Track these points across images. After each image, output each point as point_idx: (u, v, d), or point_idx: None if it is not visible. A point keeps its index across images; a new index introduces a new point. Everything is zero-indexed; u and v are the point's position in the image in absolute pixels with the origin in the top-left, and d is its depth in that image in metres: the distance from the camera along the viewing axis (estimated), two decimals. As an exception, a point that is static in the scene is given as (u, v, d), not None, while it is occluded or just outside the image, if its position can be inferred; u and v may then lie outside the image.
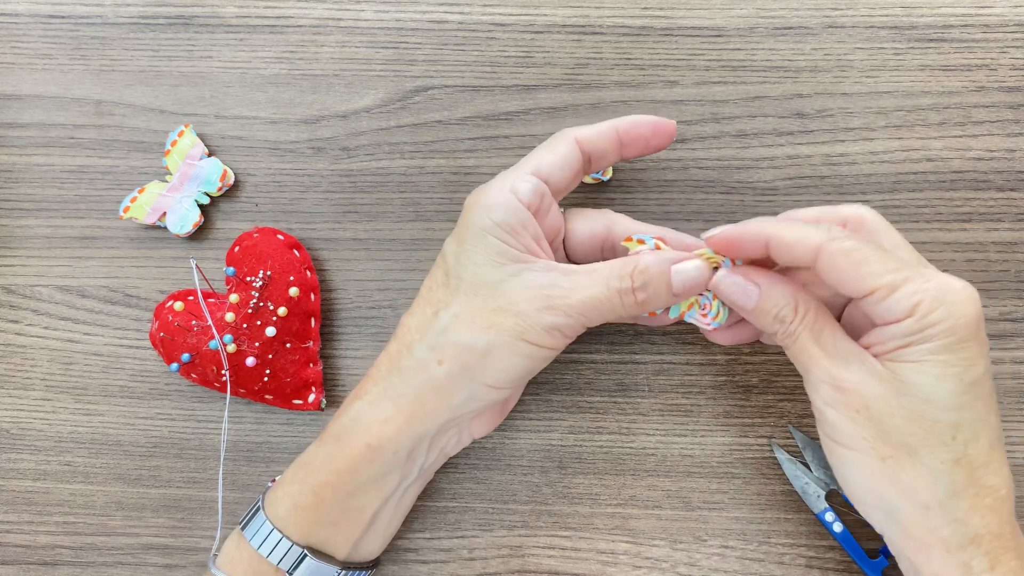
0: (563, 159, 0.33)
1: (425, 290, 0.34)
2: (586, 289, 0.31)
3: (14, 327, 0.41)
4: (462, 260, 0.32)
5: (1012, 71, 0.40)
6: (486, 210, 0.32)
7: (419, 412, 0.32)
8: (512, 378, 0.32)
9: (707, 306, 0.33)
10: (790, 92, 0.40)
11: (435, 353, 0.32)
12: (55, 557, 0.40)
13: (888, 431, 0.29)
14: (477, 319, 0.31)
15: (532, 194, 0.32)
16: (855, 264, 0.28)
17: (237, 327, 0.38)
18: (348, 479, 0.33)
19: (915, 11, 0.40)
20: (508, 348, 0.31)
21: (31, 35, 0.42)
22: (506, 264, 0.31)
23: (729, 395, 0.39)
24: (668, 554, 0.39)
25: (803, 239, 0.29)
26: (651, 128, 0.33)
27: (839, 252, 0.28)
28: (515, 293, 0.31)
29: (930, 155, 0.39)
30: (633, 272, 0.31)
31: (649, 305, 0.32)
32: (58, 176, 0.41)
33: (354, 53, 0.41)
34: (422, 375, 0.32)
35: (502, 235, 0.31)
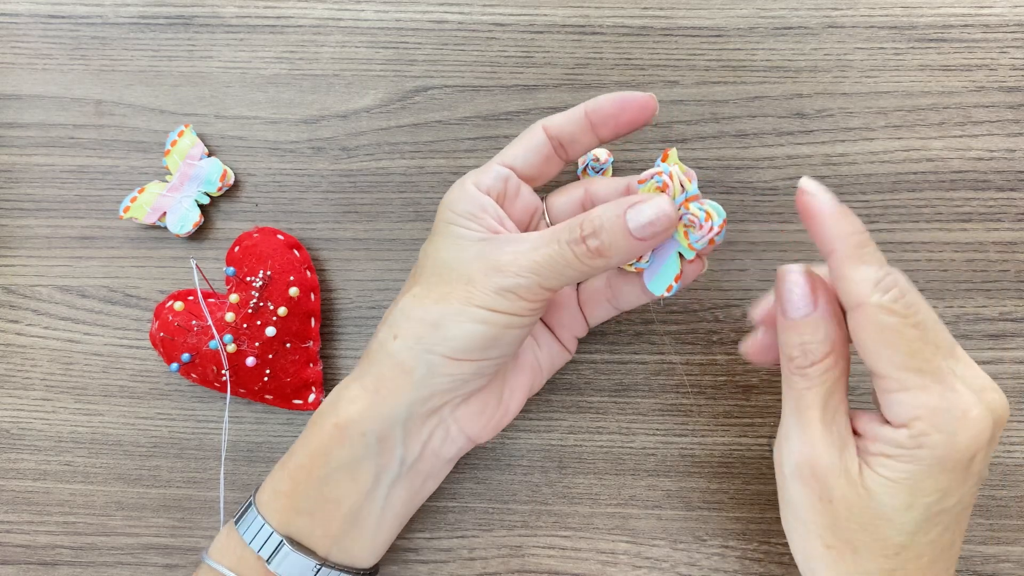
0: (527, 145, 0.33)
1: (404, 287, 0.34)
2: (538, 249, 0.30)
3: (14, 327, 0.41)
4: (428, 252, 0.33)
5: (1012, 71, 0.40)
6: (449, 204, 0.32)
7: (382, 390, 0.32)
8: (468, 346, 0.31)
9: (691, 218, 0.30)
10: (790, 92, 0.40)
11: (392, 330, 0.32)
12: (55, 557, 0.40)
13: (840, 529, 0.28)
14: (432, 293, 0.31)
15: (491, 181, 0.32)
16: (884, 343, 0.26)
17: (237, 327, 0.38)
18: (320, 462, 0.32)
19: (915, 11, 0.40)
20: (458, 315, 0.30)
21: (31, 35, 0.42)
22: (466, 245, 0.31)
23: (729, 395, 0.39)
24: (668, 554, 0.39)
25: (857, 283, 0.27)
26: (616, 105, 0.32)
27: (875, 324, 0.26)
28: (468, 265, 0.31)
29: (930, 155, 0.39)
30: (582, 220, 0.30)
31: (610, 255, 0.29)
32: (58, 176, 0.41)
33: (354, 53, 0.41)
34: (382, 353, 0.32)
35: (463, 222, 0.32)
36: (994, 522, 0.39)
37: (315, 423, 0.33)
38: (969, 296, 0.39)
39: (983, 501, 0.39)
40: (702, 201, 0.30)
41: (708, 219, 0.30)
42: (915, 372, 0.26)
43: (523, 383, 0.36)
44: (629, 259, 0.30)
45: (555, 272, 0.30)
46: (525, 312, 0.30)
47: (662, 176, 0.30)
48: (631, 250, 0.30)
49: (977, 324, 0.39)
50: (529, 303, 0.30)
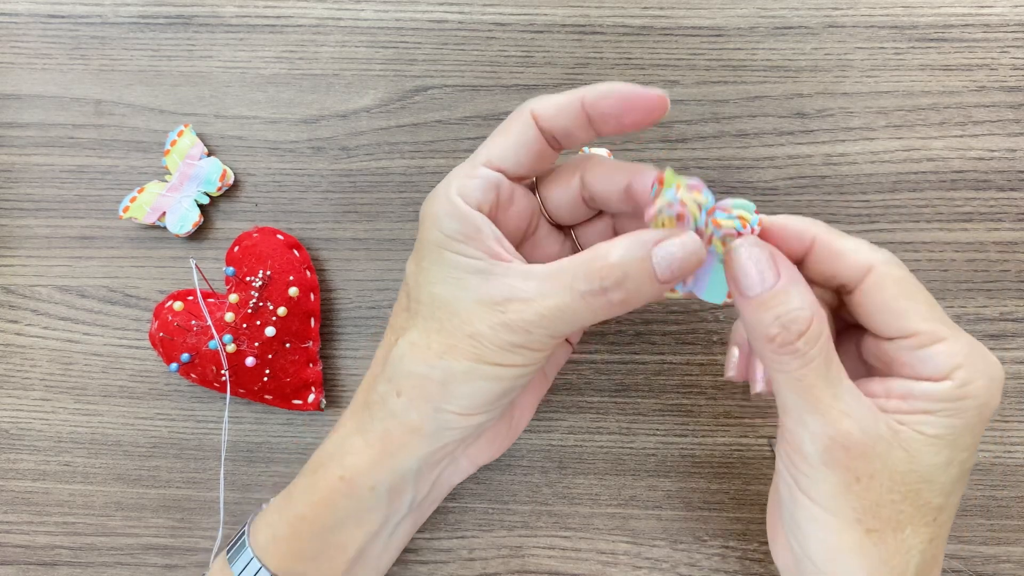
0: (517, 141, 0.29)
1: (392, 315, 0.31)
2: (546, 299, 0.26)
3: (13, 327, 0.41)
4: (420, 281, 0.29)
5: (1013, 71, 0.39)
6: (435, 222, 0.28)
7: (389, 448, 0.30)
8: (482, 403, 0.29)
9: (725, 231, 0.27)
10: (790, 92, 0.40)
11: (393, 385, 0.29)
12: (54, 557, 0.40)
13: (882, 506, 0.25)
14: (433, 344, 0.28)
15: (481, 192, 0.28)
16: (905, 296, 0.25)
17: (237, 327, 0.38)
18: (324, 512, 0.31)
19: (916, 11, 0.40)
20: (467, 374, 0.28)
21: (30, 35, 0.42)
22: (462, 278, 0.28)
23: (729, 395, 0.39)
24: (668, 554, 0.39)
25: (856, 251, 0.26)
26: (619, 104, 0.27)
27: (893, 279, 0.25)
28: (470, 311, 0.27)
29: (931, 155, 0.39)
30: (602, 268, 0.26)
31: (632, 303, 0.26)
32: (58, 176, 0.41)
33: (354, 53, 0.41)
34: (384, 410, 0.29)
35: (456, 247, 0.28)
36: (994, 522, 0.39)
37: (316, 472, 0.31)
38: (970, 296, 0.39)
39: (983, 501, 0.39)
40: (727, 208, 0.27)
41: (746, 224, 0.27)
42: (940, 321, 0.25)
43: (532, 399, 0.35)
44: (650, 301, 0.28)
45: (567, 323, 0.27)
46: (536, 361, 0.28)
47: (673, 209, 0.27)
48: (656, 295, 0.27)
49: (978, 324, 0.39)
50: (540, 352, 0.28)
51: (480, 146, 0.30)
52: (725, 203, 0.27)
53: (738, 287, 0.26)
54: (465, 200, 0.28)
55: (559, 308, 0.26)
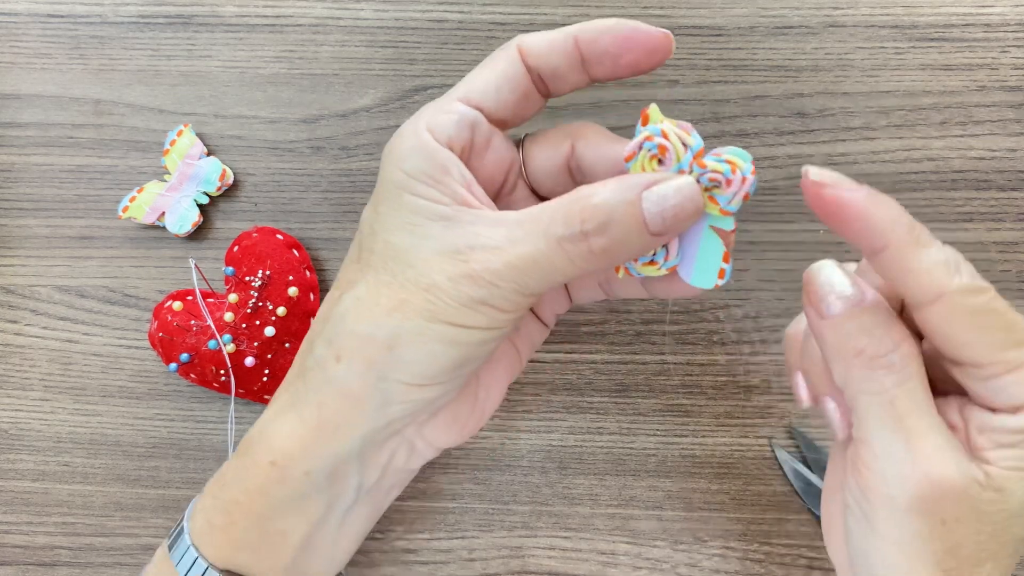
0: (501, 77, 0.25)
1: (341, 270, 0.27)
2: (517, 245, 0.23)
3: (13, 327, 0.41)
4: (375, 228, 0.25)
5: (1014, 70, 0.39)
6: (397, 160, 0.25)
7: (327, 424, 0.26)
8: (435, 371, 0.25)
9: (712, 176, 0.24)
10: (791, 91, 0.40)
11: (332, 348, 0.25)
12: (54, 558, 0.40)
13: (964, 546, 0.23)
14: (382, 299, 0.24)
15: (454, 128, 0.25)
16: (977, 327, 0.22)
17: (236, 327, 0.37)
18: (259, 500, 0.27)
19: (916, 10, 0.40)
20: (419, 334, 0.24)
21: (30, 34, 0.42)
22: (422, 224, 0.24)
23: (730, 395, 0.39)
24: (669, 555, 0.39)
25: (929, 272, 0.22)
26: (618, 42, 0.24)
27: (964, 310, 0.22)
28: (427, 261, 0.24)
29: (931, 154, 0.39)
30: (583, 210, 0.23)
31: (616, 255, 0.23)
32: (57, 176, 0.41)
33: (353, 52, 0.41)
34: (322, 377, 0.26)
35: (419, 188, 0.24)
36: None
37: (246, 454, 0.28)
38: (971, 296, 0.39)
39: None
40: (717, 152, 0.24)
41: (735, 171, 0.24)
42: (1019, 346, 0.22)
43: (500, 377, 0.30)
44: (634, 257, 0.25)
45: (540, 276, 0.23)
46: (501, 324, 0.24)
47: (654, 141, 0.24)
48: (643, 248, 0.24)
49: (979, 324, 0.39)
50: (507, 314, 0.24)
51: (459, 82, 0.26)
52: (716, 149, 0.24)
53: (821, 305, 0.24)
54: (434, 136, 0.25)
55: (531, 257, 0.23)
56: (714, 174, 0.23)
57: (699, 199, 0.23)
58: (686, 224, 0.23)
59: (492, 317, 0.24)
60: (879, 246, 0.22)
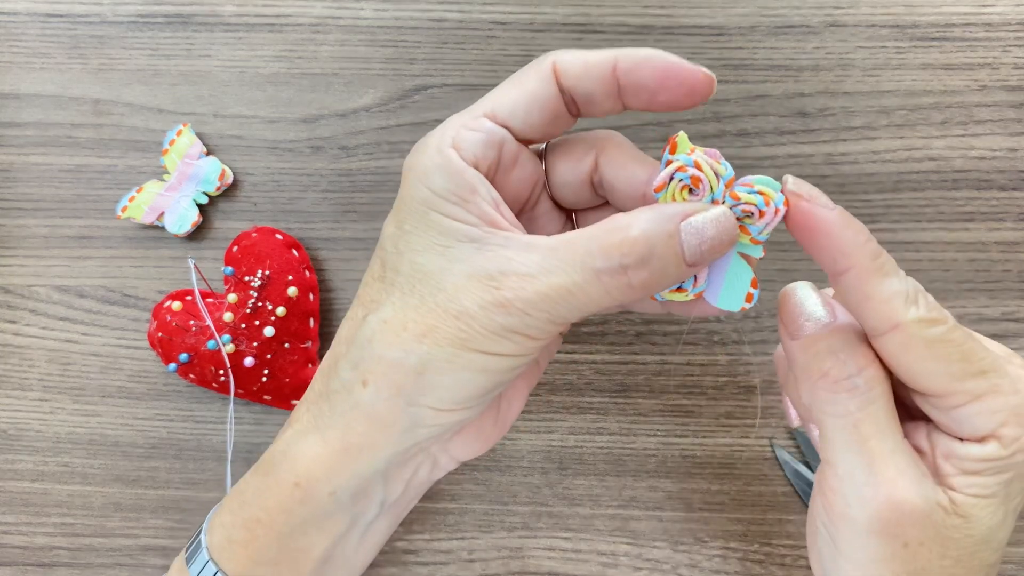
0: (531, 96, 0.24)
1: (362, 285, 0.27)
2: (552, 274, 0.22)
3: (12, 327, 0.41)
4: (400, 246, 0.25)
5: (1014, 70, 0.39)
6: (422, 177, 0.24)
7: (352, 447, 0.26)
8: (464, 398, 0.25)
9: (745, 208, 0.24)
10: (792, 91, 0.40)
11: (359, 372, 0.25)
12: (53, 558, 0.40)
13: (930, 570, 0.23)
14: (410, 324, 0.24)
15: (480, 148, 0.24)
16: (934, 357, 0.22)
17: (235, 327, 0.37)
18: (281, 519, 0.27)
19: (917, 9, 0.40)
20: (448, 362, 0.24)
21: (29, 34, 0.42)
22: (452, 246, 0.23)
23: (730, 396, 0.39)
24: (669, 555, 0.39)
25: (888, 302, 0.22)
26: (658, 77, 0.23)
27: (922, 341, 0.22)
28: (457, 286, 0.23)
29: (932, 154, 0.39)
30: (621, 243, 0.22)
31: (654, 287, 0.23)
32: (56, 175, 0.41)
33: (353, 52, 0.41)
34: (348, 401, 0.25)
35: (447, 208, 0.24)
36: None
37: (268, 473, 0.28)
38: (971, 296, 0.39)
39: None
40: (748, 182, 0.24)
41: (768, 202, 0.23)
42: (978, 376, 0.22)
43: (522, 388, 0.31)
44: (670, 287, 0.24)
45: (575, 307, 0.23)
46: (531, 351, 0.24)
47: (687, 172, 0.23)
48: (679, 279, 0.23)
49: (980, 324, 0.39)
50: (538, 341, 0.24)
51: (485, 95, 0.25)
52: (746, 178, 0.24)
53: (792, 326, 0.24)
54: (461, 154, 0.24)
55: (567, 288, 0.22)
56: (747, 205, 0.24)
57: (735, 230, 0.23)
58: (721, 254, 0.23)
59: (523, 345, 0.24)
60: (842, 268, 0.22)
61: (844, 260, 0.22)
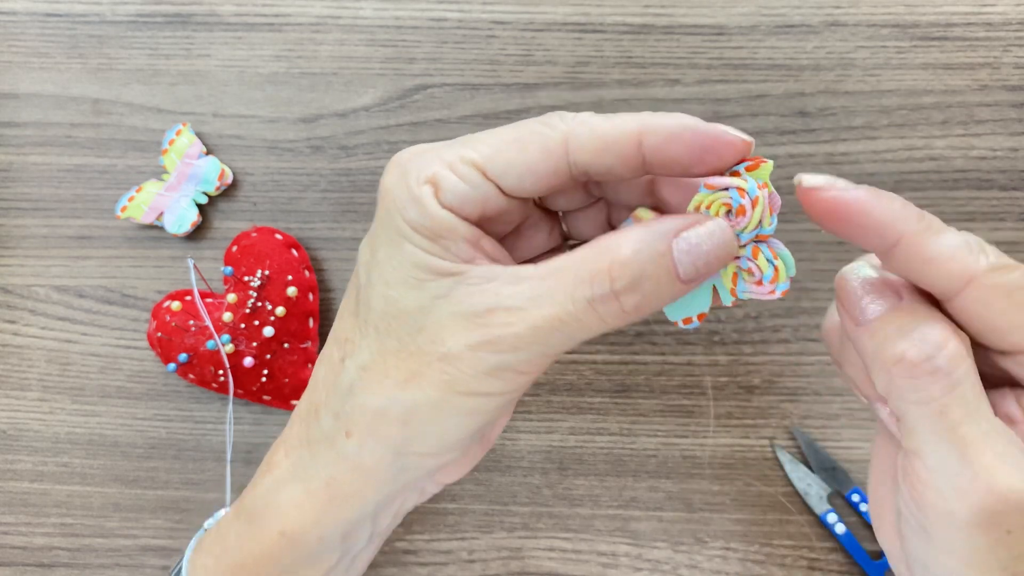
0: (531, 166, 0.22)
1: (338, 318, 0.25)
2: (542, 305, 0.21)
3: (11, 327, 0.41)
4: (373, 277, 0.23)
5: (1015, 69, 0.39)
6: (397, 206, 0.22)
7: (339, 497, 0.25)
8: (453, 441, 0.23)
9: (752, 268, 0.22)
10: (792, 91, 0.40)
11: (341, 423, 0.24)
12: (52, 559, 0.40)
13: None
14: (392, 370, 0.22)
15: (460, 200, 0.22)
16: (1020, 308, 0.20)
17: (235, 327, 0.37)
18: (268, 565, 0.26)
19: (917, 9, 0.40)
20: (435, 408, 0.22)
21: (28, 33, 0.41)
22: (429, 280, 0.22)
23: (731, 396, 0.39)
24: (669, 556, 0.39)
25: (952, 259, 0.20)
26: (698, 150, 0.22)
27: (1000, 291, 0.20)
28: (441, 325, 0.22)
29: (933, 154, 0.39)
30: (611, 267, 0.21)
31: (648, 309, 0.22)
32: (55, 175, 0.41)
33: (353, 51, 0.41)
34: (332, 452, 0.24)
35: (422, 242, 0.22)
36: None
37: (251, 522, 0.26)
38: (972, 296, 0.39)
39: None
40: (773, 246, 0.22)
41: (775, 279, 0.22)
42: None
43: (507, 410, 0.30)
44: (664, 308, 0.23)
45: (567, 337, 0.22)
46: (524, 386, 0.23)
47: (744, 198, 0.21)
48: (674, 298, 0.22)
49: (980, 324, 0.39)
50: (529, 375, 0.23)
51: (483, 134, 0.23)
52: (777, 244, 0.22)
53: (856, 311, 0.22)
54: (439, 195, 0.22)
55: (558, 318, 0.21)
56: (756, 267, 0.22)
57: (733, 245, 0.22)
58: (718, 269, 0.22)
59: (513, 381, 0.22)
60: (891, 240, 0.21)
61: (891, 232, 0.21)
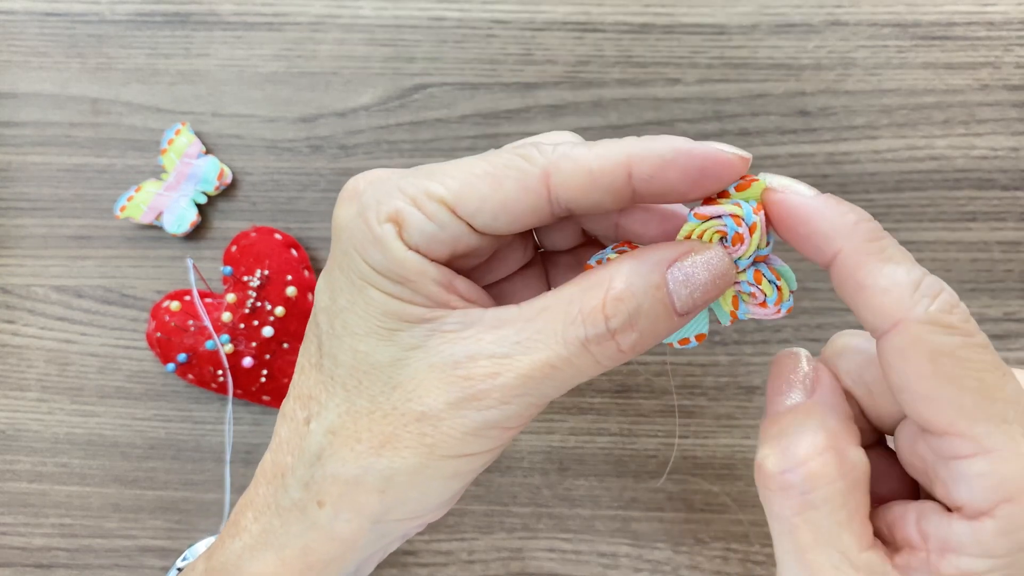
0: (502, 205, 0.20)
1: (298, 371, 0.23)
2: (531, 351, 0.19)
3: (10, 327, 0.41)
4: (336, 327, 0.21)
5: (1016, 69, 0.39)
6: (358, 247, 0.20)
7: (316, 565, 0.22)
8: (434, 505, 0.22)
9: (755, 292, 0.21)
10: (793, 90, 0.40)
11: (311, 492, 0.21)
12: (51, 559, 0.40)
13: None
14: (364, 433, 0.20)
15: (426, 240, 0.20)
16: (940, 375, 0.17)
17: (234, 327, 0.37)
18: None
19: (918, 8, 0.40)
20: (416, 475, 0.20)
21: (27, 32, 0.41)
22: (400, 330, 0.20)
23: (731, 396, 0.39)
24: (670, 557, 0.39)
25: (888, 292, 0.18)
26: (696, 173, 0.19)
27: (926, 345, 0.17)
28: (417, 381, 0.19)
29: (934, 153, 0.39)
30: (604, 304, 0.19)
31: (644, 346, 0.20)
32: (54, 175, 0.41)
33: (352, 51, 0.41)
34: (304, 522, 0.22)
35: (388, 287, 0.20)
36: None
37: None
38: (973, 296, 0.39)
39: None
40: (772, 264, 0.21)
41: (779, 300, 0.21)
42: (995, 421, 0.17)
43: None
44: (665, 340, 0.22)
45: (560, 382, 0.19)
46: (510, 440, 0.21)
47: (741, 226, 0.20)
48: (670, 332, 0.20)
49: (982, 325, 0.38)
50: (517, 429, 0.21)
51: (450, 165, 0.21)
52: (775, 260, 0.21)
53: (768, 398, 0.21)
54: (402, 234, 0.20)
55: (550, 364, 0.19)
56: (759, 291, 0.21)
57: (731, 272, 0.20)
58: (715, 298, 0.20)
59: (499, 439, 0.20)
60: (829, 254, 0.19)
61: (828, 244, 0.19)
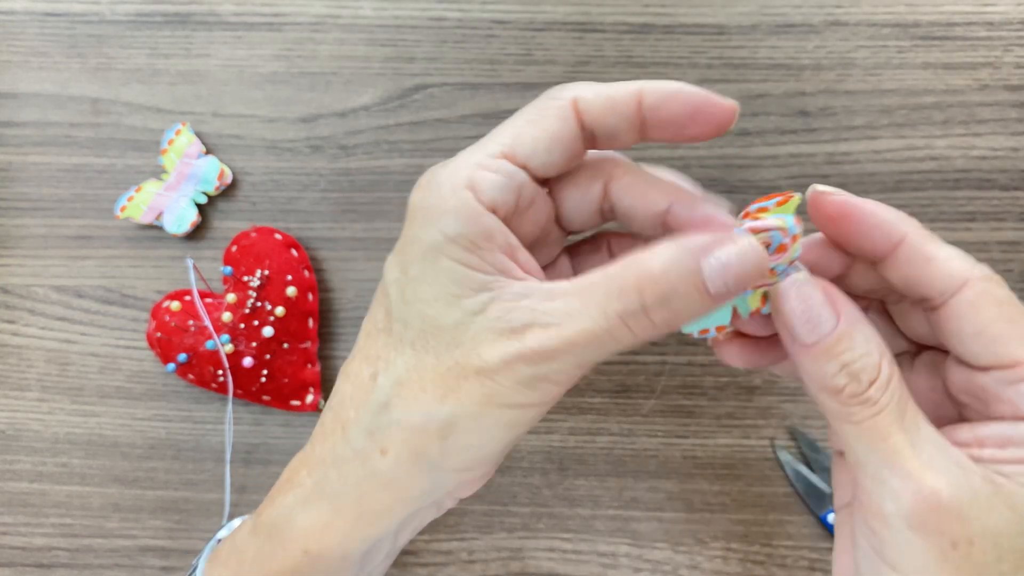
0: (551, 136, 0.23)
1: (363, 336, 0.25)
2: (575, 320, 0.22)
3: (10, 327, 0.41)
4: (408, 295, 0.23)
5: (1016, 69, 0.39)
6: (434, 219, 0.23)
7: (368, 514, 0.25)
8: (489, 454, 0.24)
9: None
10: (793, 90, 0.40)
11: (375, 440, 0.23)
12: (52, 559, 0.40)
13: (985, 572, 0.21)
14: (429, 385, 0.23)
15: (500, 192, 0.23)
16: (1006, 319, 0.21)
17: (234, 327, 0.37)
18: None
19: (918, 8, 0.40)
20: (475, 421, 0.22)
21: (27, 32, 0.41)
22: (466, 296, 0.22)
23: (732, 396, 0.39)
24: (670, 556, 0.39)
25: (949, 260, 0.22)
26: (689, 111, 0.23)
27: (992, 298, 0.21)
28: (477, 340, 0.22)
29: (934, 154, 0.39)
30: (640, 282, 0.22)
31: (677, 324, 0.22)
32: (54, 175, 0.41)
33: (352, 51, 0.41)
34: (363, 470, 0.24)
35: (460, 254, 0.22)
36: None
37: (272, 538, 0.26)
38: (973, 296, 0.39)
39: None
40: (799, 266, 0.23)
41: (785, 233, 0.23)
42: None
43: None
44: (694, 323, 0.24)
45: (600, 349, 0.22)
46: (557, 397, 0.23)
47: (786, 236, 0.22)
48: (703, 312, 0.22)
49: (981, 324, 0.39)
50: (563, 387, 0.23)
51: (498, 129, 0.24)
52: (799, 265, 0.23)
53: (793, 332, 0.22)
54: (478, 196, 0.22)
55: (591, 332, 0.22)
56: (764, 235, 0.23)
57: (763, 263, 0.22)
58: (748, 287, 0.22)
59: (549, 392, 0.23)
60: (896, 238, 0.22)
61: (896, 230, 0.22)
